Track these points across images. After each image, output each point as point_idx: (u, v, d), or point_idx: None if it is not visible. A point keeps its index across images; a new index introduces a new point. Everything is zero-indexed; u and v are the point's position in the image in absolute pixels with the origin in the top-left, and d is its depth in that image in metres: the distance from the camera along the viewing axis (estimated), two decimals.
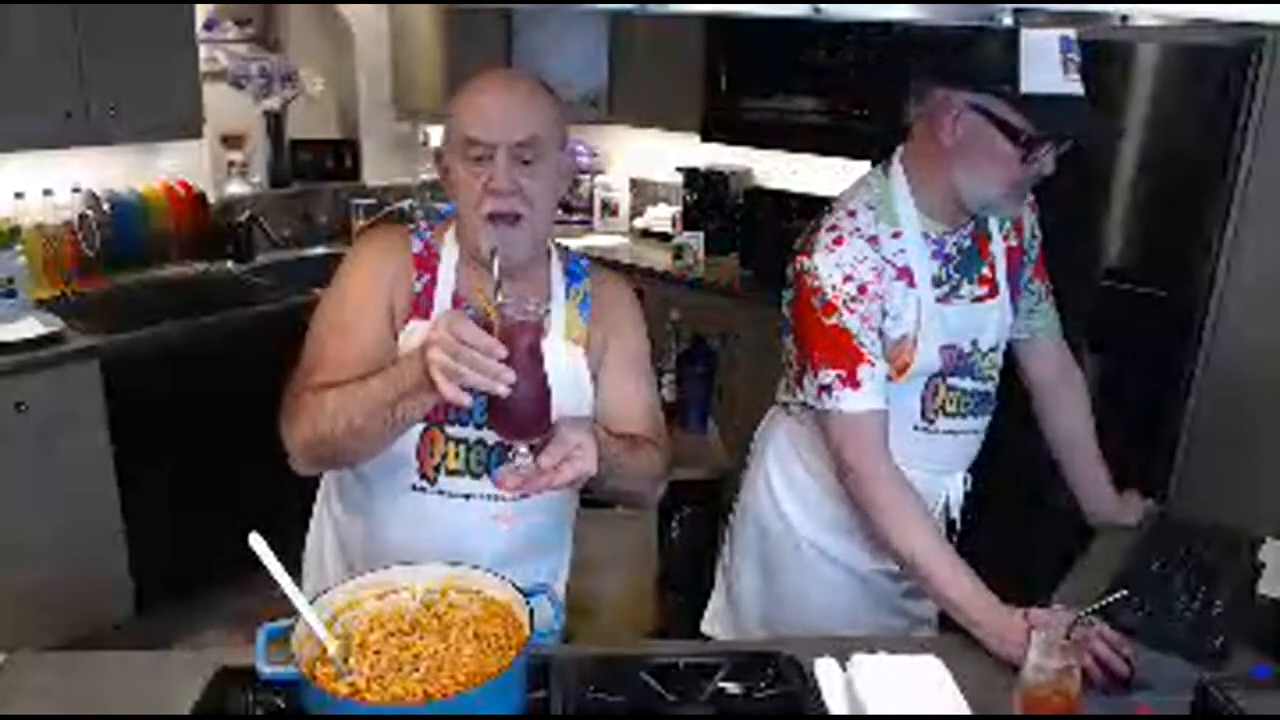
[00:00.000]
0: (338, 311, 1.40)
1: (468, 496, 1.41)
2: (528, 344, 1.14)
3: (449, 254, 1.43)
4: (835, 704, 1.25)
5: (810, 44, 3.40)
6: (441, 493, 1.41)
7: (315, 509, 1.59)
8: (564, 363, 1.42)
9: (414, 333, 1.37)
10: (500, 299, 1.16)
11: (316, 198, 4.05)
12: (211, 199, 3.62)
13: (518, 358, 1.11)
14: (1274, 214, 2.38)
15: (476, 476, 1.41)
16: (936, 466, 1.63)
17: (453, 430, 1.39)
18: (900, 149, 1.58)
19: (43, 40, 2.82)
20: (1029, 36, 1.38)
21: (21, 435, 2.68)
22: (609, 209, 4.38)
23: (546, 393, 1.18)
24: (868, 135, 3.18)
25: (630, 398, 1.47)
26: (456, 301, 1.41)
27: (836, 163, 3.44)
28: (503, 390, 1.12)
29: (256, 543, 1.11)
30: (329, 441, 1.27)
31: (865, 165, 1.70)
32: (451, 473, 1.41)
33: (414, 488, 1.41)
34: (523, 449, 1.22)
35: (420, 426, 1.37)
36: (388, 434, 1.27)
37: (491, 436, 1.36)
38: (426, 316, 1.39)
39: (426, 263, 1.42)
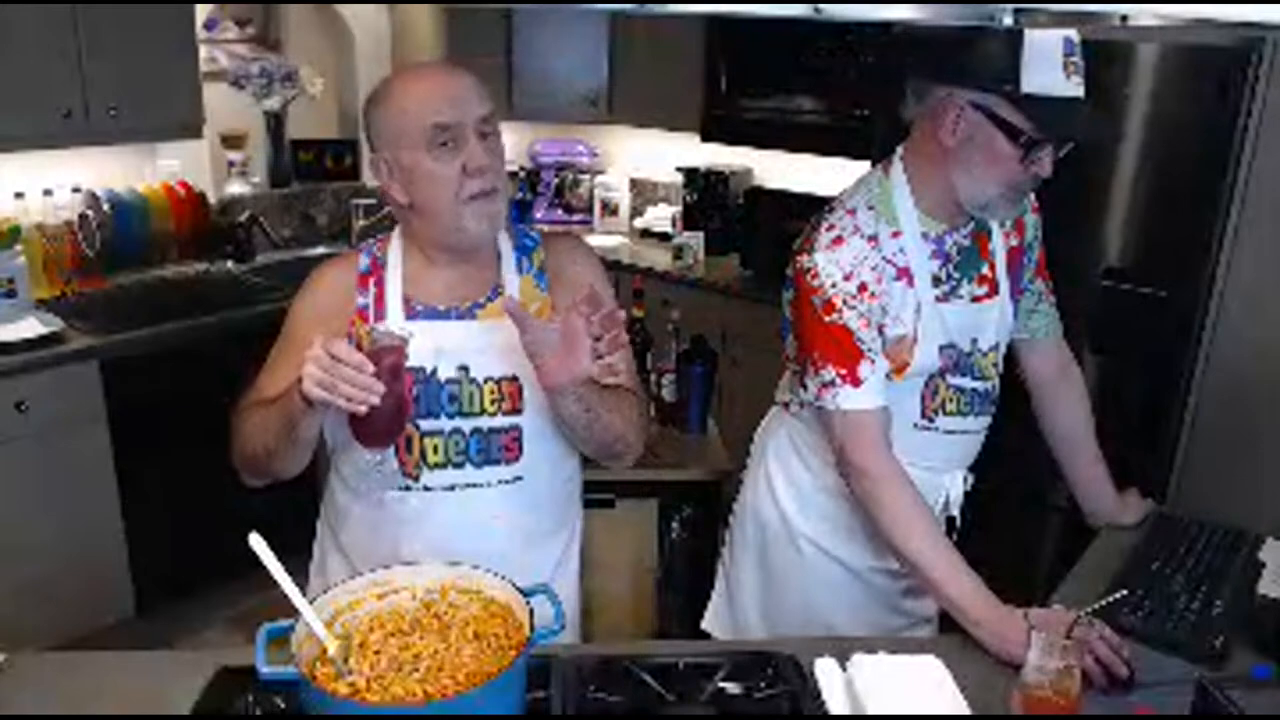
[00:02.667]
0: (278, 344, 1.48)
1: (453, 488, 1.43)
2: (390, 364, 1.25)
3: (394, 260, 1.46)
4: (835, 704, 1.25)
5: (810, 44, 3.41)
6: (427, 488, 1.42)
7: (320, 518, 1.60)
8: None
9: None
10: (370, 326, 1.34)
11: (316, 198, 4.06)
12: (211, 199, 3.62)
13: (381, 375, 1.22)
14: (1274, 214, 2.37)
15: (459, 466, 1.42)
16: (937, 465, 1.62)
17: (426, 424, 1.40)
18: (900, 148, 1.58)
19: (43, 40, 2.82)
20: (1032, 37, 1.38)
21: (21, 435, 2.68)
22: (609, 209, 4.39)
23: (401, 408, 1.30)
24: (868, 135, 3.18)
25: None
26: (406, 300, 1.43)
27: (836, 163, 3.44)
28: (374, 400, 1.21)
29: (256, 543, 1.11)
30: (254, 459, 1.40)
31: (865, 165, 1.70)
32: (433, 466, 1.42)
33: (399, 487, 1.43)
34: (375, 456, 1.39)
35: None
36: (296, 452, 1.37)
37: (467, 425, 1.41)
38: (381, 320, 1.43)
39: (372, 275, 1.46)
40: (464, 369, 1.41)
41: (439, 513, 1.43)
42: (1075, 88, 1.42)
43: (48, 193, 3.16)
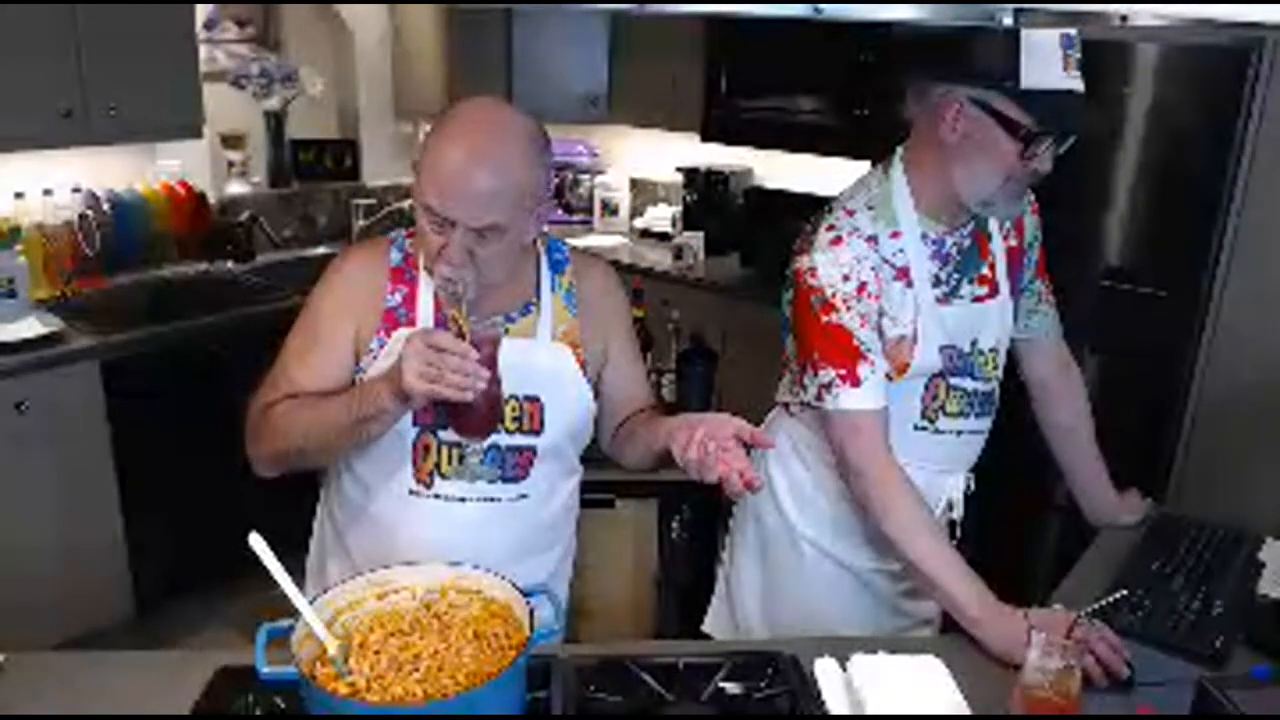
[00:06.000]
0: (303, 334, 1.43)
1: (463, 499, 1.42)
2: (489, 353, 1.26)
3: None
4: (835, 704, 1.25)
5: (810, 44, 3.40)
6: (437, 496, 1.42)
7: (317, 517, 1.59)
8: (553, 362, 1.45)
9: (399, 340, 1.37)
10: (465, 312, 1.30)
11: (316, 198, 4.06)
12: (211, 199, 3.62)
13: (483, 362, 1.23)
14: (1274, 214, 2.38)
15: (472, 480, 1.42)
16: (938, 466, 1.62)
17: (445, 435, 1.39)
18: (900, 148, 1.57)
19: (42, 40, 2.82)
20: (1031, 32, 1.38)
21: (21, 435, 2.68)
22: (609, 209, 4.39)
23: (500, 397, 1.32)
24: (868, 135, 3.18)
25: (636, 380, 1.58)
26: (438, 306, 1.40)
27: (836, 163, 3.44)
28: (481, 385, 1.22)
29: (256, 543, 1.11)
30: (299, 455, 1.38)
31: (865, 165, 1.70)
32: (446, 476, 1.41)
33: (410, 492, 1.42)
34: (477, 445, 1.37)
35: (414, 432, 1.39)
36: (353, 448, 1.39)
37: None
38: (412, 324, 1.40)
39: (404, 273, 1.43)
40: None
41: (444, 521, 1.42)
42: (1074, 81, 1.42)
43: (48, 193, 3.16)
